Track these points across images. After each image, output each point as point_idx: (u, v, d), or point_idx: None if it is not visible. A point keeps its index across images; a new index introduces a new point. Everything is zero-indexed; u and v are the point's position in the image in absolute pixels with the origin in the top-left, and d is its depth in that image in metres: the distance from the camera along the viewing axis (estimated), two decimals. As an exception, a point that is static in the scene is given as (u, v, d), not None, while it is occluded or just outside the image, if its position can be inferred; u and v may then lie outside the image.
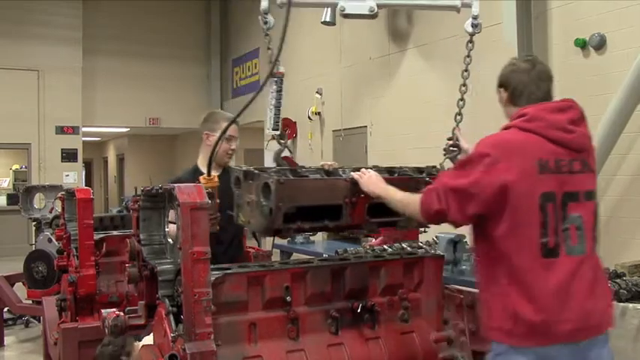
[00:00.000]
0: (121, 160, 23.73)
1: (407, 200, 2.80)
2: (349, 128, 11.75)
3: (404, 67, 10.84)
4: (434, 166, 3.51)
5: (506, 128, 2.75)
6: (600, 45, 7.72)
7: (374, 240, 5.70)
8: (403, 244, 4.28)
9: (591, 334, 2.56)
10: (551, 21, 8.36)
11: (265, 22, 3.83)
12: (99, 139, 24.46)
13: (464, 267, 4.54)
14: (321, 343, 2.84)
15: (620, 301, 3.44)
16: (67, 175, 15.82)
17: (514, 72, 2.87)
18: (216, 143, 3.35)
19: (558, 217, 2.55)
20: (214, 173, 3.74)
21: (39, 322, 7.65)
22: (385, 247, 4.63)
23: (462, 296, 3.30)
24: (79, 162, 16.54)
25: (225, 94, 18.33)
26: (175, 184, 2.57)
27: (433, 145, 9.02)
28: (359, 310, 2.91)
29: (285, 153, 3.82)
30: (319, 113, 13.01)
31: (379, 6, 3.59)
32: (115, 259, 5.33)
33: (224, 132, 3.45)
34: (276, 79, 3.80)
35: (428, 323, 3.14)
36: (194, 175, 3.87)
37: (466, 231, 4.36)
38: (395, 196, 2.87)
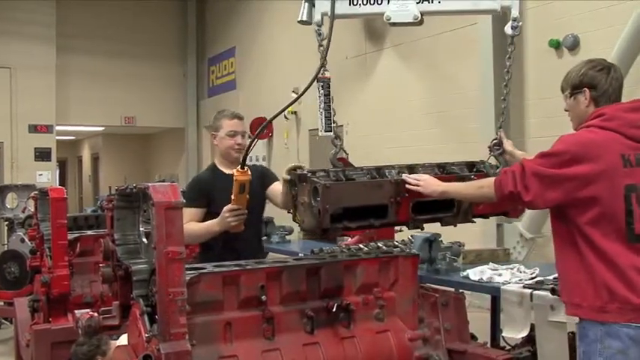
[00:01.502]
0: (95, 160, 23.52)
1: (479, 184, 3.08)
2: (326, 128, 11.77)
3: (380, 66, 10.88)
4: (482, 161, 3.67)
5: (586, 127, 2.91)
6: (574, 46, 7.81)
7: (349, 239, 5.72)
8: (379, 244, 4.29)
9: None
10: (525, 21, 8.41)
11: (319, 34, 4.12)
12: (73, 138, 24.22)
13: (439, 266, 4.56)
14: (297, 342, 2.84)
15: None
16: (41, 175, 15.63)
17: (603, 76, 2.96)
18: (251, 143, 3.55)
19: None
20: (228, 171, 3.93)
21: (11, 323, 7.56)
22: (361, 246, 4.65)
23: (437, 295, 3.32)
24: (53, 161, 16.34)
25: (201, 93, 18.25)
26: (149, 184, 2.55)
27: (409, 145, 9.14)
28: (334, 310, 2.92)
29: (341, 154, 3.95)
30: (295, 112, 13.00)
31: (423, 13, 3.73)
32: (89, 259, 5.30)
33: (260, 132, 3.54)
34: (322, 83, 4.05)
35: (403, 322, 3.15)
36: (213, 173, 4.11)
37: (441, 230, 4.40)
38: (462, 185, 3.13)
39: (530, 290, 3.81)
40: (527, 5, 8.38)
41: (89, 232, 5.75)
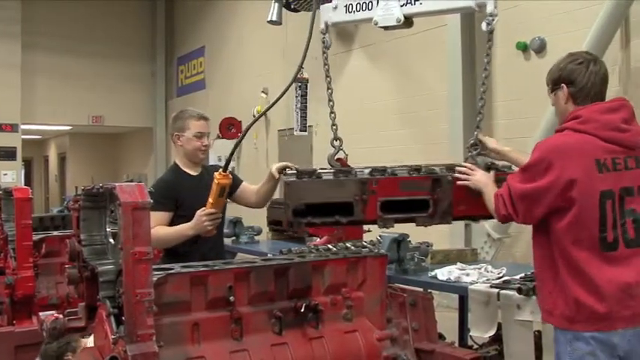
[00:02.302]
0: (62, 159, 23.25)
1: (490, 198, 3.02)
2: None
3: (349, 67, 10.90)
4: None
5: (560, 130, 2.87)
6: (541, 48, 7.92)
7: (318, 239, 5.73)
8: (347, 244, 4.30)
9: None
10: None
11: (324, 42, 4.25)
12: (39, 137, 23.92)
13: (407, 266, 4.58)
14: (265, 343, 2.83)
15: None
16: (5, 174, 15.42)
17: (584, 71, 2.87)
18: (237, 144, 3.70)
19: (616, 213, 2.72)
20: (193, 173, 3.97)
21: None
22: (329, 246, 4.65)
23: (405, 295, 3.34)
24: (18, 160, 16.13)
25: (169, 92, 18.15)
26: (116, 184, 2.53)
27: (379, 145, 9.16)
28: (302, 310, 2.91)
29: (340, 155, 4.01)
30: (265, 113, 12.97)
31: (406, 16, 3.83)
32: (55, 260, 5.23)
33: (245, 132, 3.70)
34: (300, 84, 4.08)
35: (371, 322, 3.15)
36: (178, 175, 4.01)
37: (409, 230, 4.42)
38: (490, 194, 3.04)
39: (497, 290, 3.85)
40: (495, 8, 8.46)
41: (55, 233, 5.68)
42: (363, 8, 4.03)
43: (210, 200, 3.59)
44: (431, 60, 9.16)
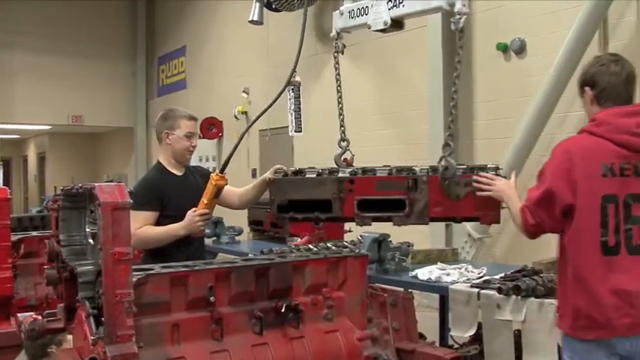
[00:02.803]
0: (42, 159, 23.07)
1: (516, 212, 2.94)
2: (276, 128, 11.70)
3: (331, 67, 10.84)
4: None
5: (580, 132, 2.89)
6: (521, 49, 7.99)
7: (299, 239, 5.74)
8: (328, 244, 4.31)
9: None
10: (474, 25, 8.57)
11: (336, 46, 4.47)
12: (18, 136, 23.72)
13: (388, 266, 4.59)
14: (245, 343, 2.82)
15: (537, 297, 3.55)
16: (-16, 175, 15.29)
17: (604, 73, 2.85)
18: (236, 145, 3.78)
19: (620, 218, 2.72)
20: (178, 173, 4.00)
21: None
22: (310, 246, 4.65)
23: (385, 295, 3.34)
24: (-4, 160, 16.00)
25: (150, 92, 18.07)
26: (95, 184, 2.51)
27: (361, 146, 9.16)
28: (283, 310, 2.91)
29: (346, 155, 4.16)
30: (246, 113, 12.96)
31: (393, 18, 3.98)
32: (34, 261, 5.19)
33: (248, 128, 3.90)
34: (293, 86, 4.33)
35: (352, 322, 3.16)
36: (162, 174, 4.00)
37: (390, 230, 4.43)
38: (513, 207, 2.99)
39: (477, 289, 3.88)
40: (475, 9, 8.52)
41: (34, 233, 5.63)
42: (361, 13, 4.19)
43: (205, 201, 3.62)
44: (412, 60, 9.19)
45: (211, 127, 13.83)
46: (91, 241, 2.86)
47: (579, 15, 6.95)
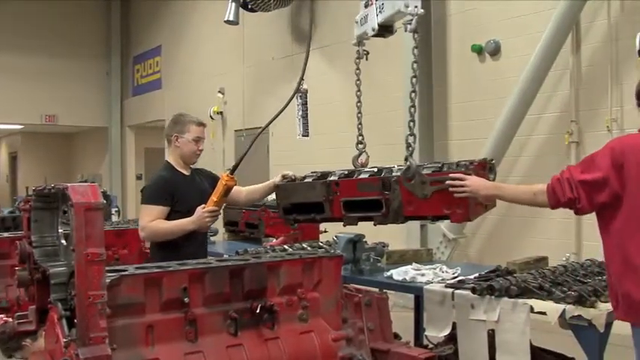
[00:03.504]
0: (13, 159, 22.79)
1: (534, 190, 3.13)
2: (251, 128, 11.69)
3: (307, 68, 10.90)
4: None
5: (638, 130, 3.05)
6: (495, 51, 8.05)
7: (274, 240, 5.73)
8: (303, 244, 4.31)
9: None
10: (450, 26, 8.62)
11: (358, 53, 4.62)
12: (-11, 136, 23.41)
13: (363, 266, 4.60)
14: (220, 344, 2.81)
15: (511, 297, 3.57)
16: (-46, 175, 15.08)
17: None
18: (247, 150, 4.14)
19: None
20: (186, 173, 4.27)
21: None
22: (285, 247, 4.65)
23: (360, 295, 3.35)
24: (-32, 160, 15.78)
25: (125, 91, 17.93)
26: (68, 184, 2.49)
27: (336, 146, 9.20)
28: (258, 311, 2.91)
29: (362, 157, 4.39)
30: (221, 113, 12.92)
31: (379, 24, 4.28)
32: (6, 262, 5.12)
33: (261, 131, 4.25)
34: (301, 94, 4.64)
35: (327, 322, 3.16)
36: (172, 172, 4.24)
37: (365, 231, 4.44)
38: (515, 190, 3.24)
39: (451, 290, 3.89)
40: (450, 11, 8.58)
41: (5, 234, 5.56)
42: (364, 21, 4.44)
43: (215, 199, 3.94)
44: (387, 61, 9.20)
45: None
46: (63, 242, 2.84)
47: (553, 18, 7.03)
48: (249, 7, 10.67)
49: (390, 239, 5.42)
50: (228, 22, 11.22)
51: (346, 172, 3.88)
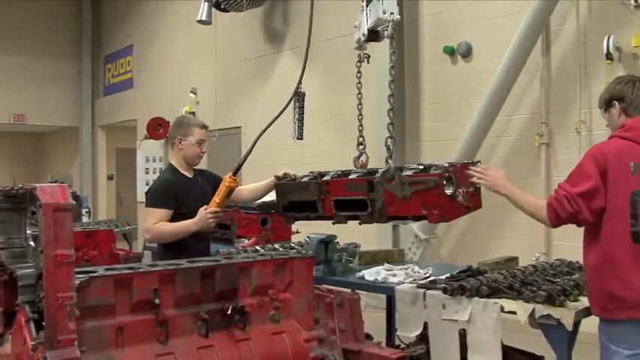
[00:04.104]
0: (-19, 159, 22.45)
1: (536, 205, 3.26)
2: (223, 129, 11.64)
3: (279, 68, 10.90)
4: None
5: (611, 138, 3.25)
6: (467, 53, 8.11)
7: (246, 241, 5.71)
8: (275, 245, 4.30)
9: None
10: (422, 28, 8.67)
11: (359, 56, 4.71)
12: (-43, 135, 23.02)
13: (335, 267, 4.60)
14: (191, 345, 2.80)
15: (482, 296, 3.60)
16: None
17: (629, 88, 3.26)
18: (248, 152, 4.16)
19: None
20: (189, 175, 4.35)
21: None
22: (257, 247, 4.64)
23: (332, 296, 3.36)
24: None
25: (96, 91, 17.76)
26: (36, 185, 2.46)
27: (309, 147, 9.21)
28: (229, 312, 2.89)
29: (362, 158, 4.38)
30: (193, 113, 12.83)
31: (369, 29, 4.45)
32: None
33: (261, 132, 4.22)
34: (298, 97, 4.73)
35: (299, 323, 3.16)
36: (176, 175, 4.31)
37: (337, 231, 4.45)
38: (522, 198, 3.33)
39: (423, 290, 3.91)
40: (422, 12, 8.63)
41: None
42: (360, 27, 4.57)
43: (217, 200, 4.00)
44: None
45: (158, 128, 13.66)
46: (32, 243, 2.80)
47: (523, 21, 7.10)
48: (222, 7, 10.64)
49: (362, 240, 5.43)
50: (200, 21, 11.18)
51: (339, 173, 4.04)
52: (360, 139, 4.45)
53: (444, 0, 8.41)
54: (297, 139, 4.77)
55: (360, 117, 4.63)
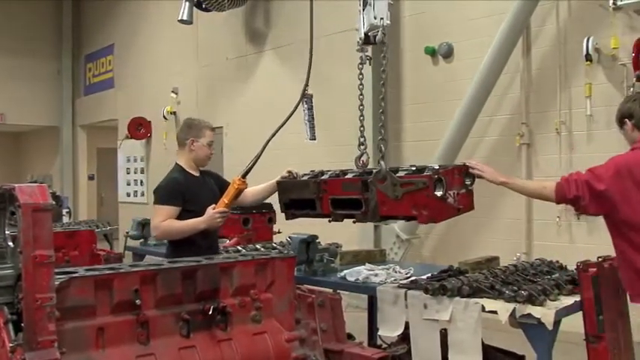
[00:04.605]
0: (-41, 159, 22.22)
1: (543, 184, 3.67)
2: (206, 128, 11.60)
3: (261, 68, 10.88)
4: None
5: (632, 149, 3.51)
6: (448, 53, 8.14)
7: (228, 241, 5.69)
8: (257, 245, 4.29)
9: None
10: (403, 28, 8.69)
11: (360, 58, 4.81)
12: None
13: (317, 267, 4.60)
14: (172, 346, 2.79)
15: (463, 296, 3.62)
16: None
17: (635, 104, 3.53)
18: (258, 155, 4.24)
19: None
20: (196, 174, 4.48)
21: None
22: (239, 247, 4.63)
23: (313, 296, 3.36)
24: None
25: (77, 91, 17.63)
26: (15, 185, 2.44)
27: (291, 147, 9.21)
28: (210, 312, 2.89)
29: (363, 158, 4.46)
30: (174, 113, 12.80)
31: (365, 34, 4.53)
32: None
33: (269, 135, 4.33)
34: (306, 99, 4.76)
35: (280, 323, 3.16)
36: (183, 174, 4.42)
37: (319, 231, 4.46)
38: (525, 182, 3.97)
39: (404, 290, 3.92)
40: (404, 13, 8.65)
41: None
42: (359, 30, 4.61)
43: (226, 201, 4.12)
44: (342, 62, 9.24)
45: (139, 128, 13.61)
46: (10, 244, 2.77)
47: (504, 22, 7.14)
48: (203, 6, 10.60)
49: (344, 240, 5.43)
50: (181, 21, 11.13)
51: (337, 172, 4.16)
52: (362, 139, 4.56)
53: (425, 0, 8.44)
54: (310, 139, 4.89)
55: (361, 117, 4.79)
